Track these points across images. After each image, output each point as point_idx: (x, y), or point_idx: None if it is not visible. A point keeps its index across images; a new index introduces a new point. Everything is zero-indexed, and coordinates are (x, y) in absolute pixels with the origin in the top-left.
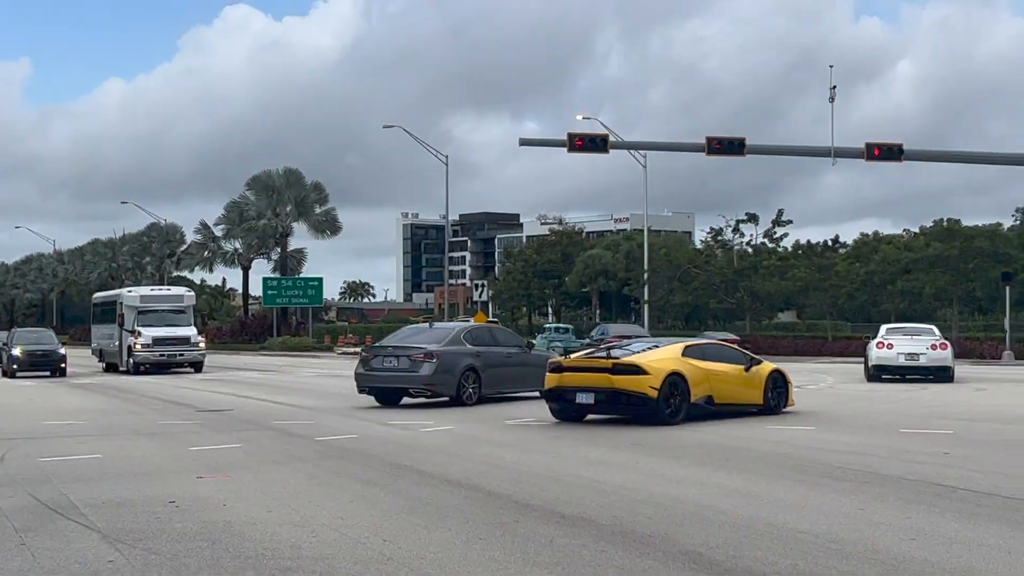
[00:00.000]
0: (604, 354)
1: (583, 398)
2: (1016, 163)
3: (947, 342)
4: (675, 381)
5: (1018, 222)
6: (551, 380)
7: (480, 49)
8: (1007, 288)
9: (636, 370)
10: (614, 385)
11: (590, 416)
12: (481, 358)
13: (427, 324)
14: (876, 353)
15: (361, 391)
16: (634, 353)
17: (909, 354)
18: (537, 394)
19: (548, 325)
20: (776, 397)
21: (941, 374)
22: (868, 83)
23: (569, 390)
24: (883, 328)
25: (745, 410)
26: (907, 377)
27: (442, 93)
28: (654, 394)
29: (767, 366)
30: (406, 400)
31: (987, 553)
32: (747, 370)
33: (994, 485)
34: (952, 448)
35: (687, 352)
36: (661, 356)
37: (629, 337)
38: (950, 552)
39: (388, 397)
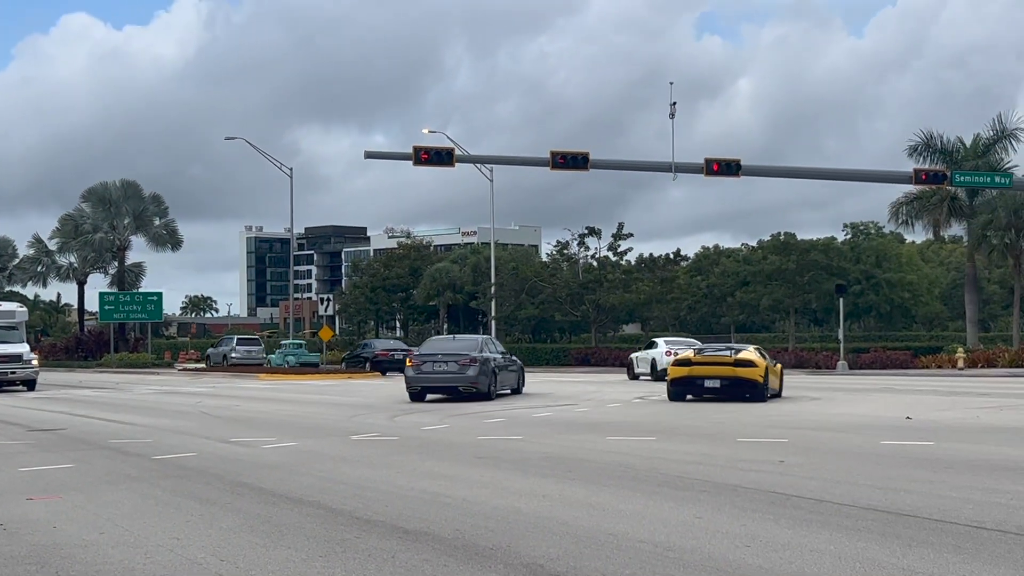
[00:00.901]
0: (728, 353)
1: (711, 384)
2: (849, 178)
3: None
4: (766, 372)
5: (850, 236)
6: (680, 371)
7: (328, 61)
8: (840, 300)
9: (751, 364)
10: (736, 374)
11: (434, 427)
12: (495, 362)
13: (451, 336)
14: (667, 359)
15: (413, 390)
16: (738, 352)
17: None
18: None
19: (284, 341)
20: (781, 386)
21: None
22: (710, 100)
23: (698, 378)
24: (661, 341)
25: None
26: None
27: (289, 105)
28: (761, 380)
29: (779, 365)
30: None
31: (818, 558)
32: (774, 366)
33: (826, 492)
34: (787, 456)
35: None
36: (754, 355)
37: (392, 351)
38: (783, 558)
39: (421, 395)
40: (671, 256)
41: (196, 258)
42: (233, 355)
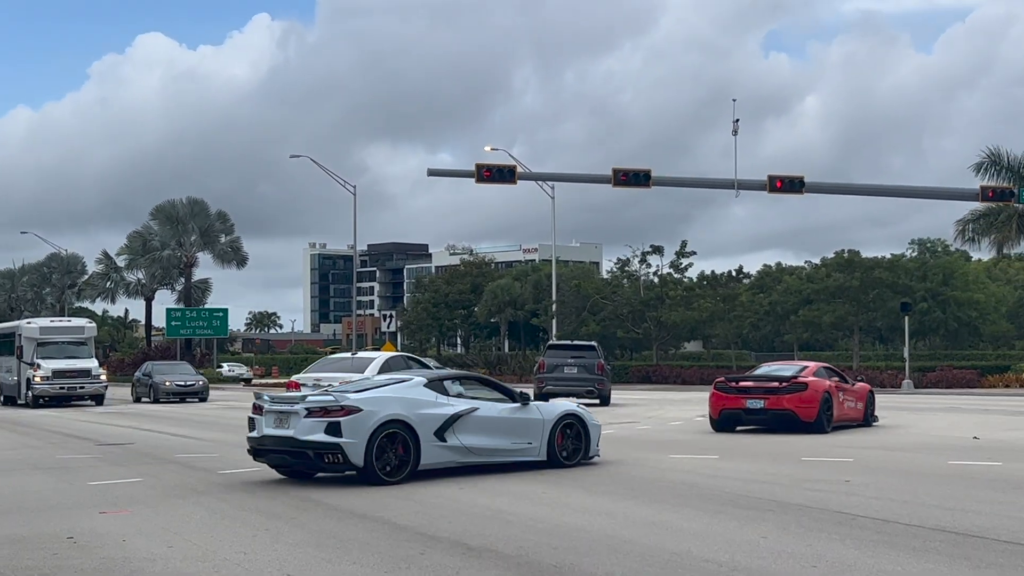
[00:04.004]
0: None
1: None
2: (914, 196)
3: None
4: None
5: (916, 253)
6: None
7: (398, 82)
8: (906, 318)
9: None
10: None
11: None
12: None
13: (570, 342)
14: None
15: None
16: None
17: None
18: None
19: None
20: None
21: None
22: (777, 118)
23: None
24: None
25: None
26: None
27: (358, 124)
28: None
29: None
30: None
31: None
32: None
33: (893, 512)
34: (852, 476)
35: None
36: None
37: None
38: None
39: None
40: (733, 273)
41: (262, 275)
42: None
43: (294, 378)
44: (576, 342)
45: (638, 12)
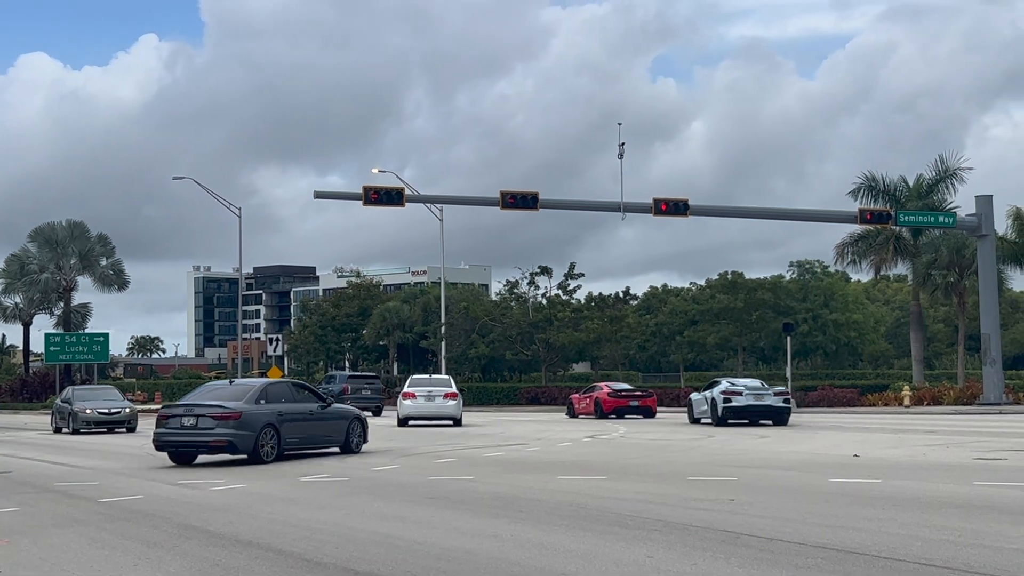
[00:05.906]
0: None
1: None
2: (794, 218)
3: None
4: None
5: (796, 275)
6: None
7: (288, 104)
8: (788, 338)
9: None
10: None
11: (385, 468)
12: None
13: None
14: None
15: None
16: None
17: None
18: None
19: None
20: None
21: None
22: (665, 142)
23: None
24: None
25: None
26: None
27: (247, 146)
28: None
29: None
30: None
31: None
32: None
33: (776, 530)
34: (737, 495)
35: None
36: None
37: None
38: None
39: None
40: (620, 295)
41: (145, 298)
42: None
43: (407, 390)
44: (366, 374)
45: (530, 36)
